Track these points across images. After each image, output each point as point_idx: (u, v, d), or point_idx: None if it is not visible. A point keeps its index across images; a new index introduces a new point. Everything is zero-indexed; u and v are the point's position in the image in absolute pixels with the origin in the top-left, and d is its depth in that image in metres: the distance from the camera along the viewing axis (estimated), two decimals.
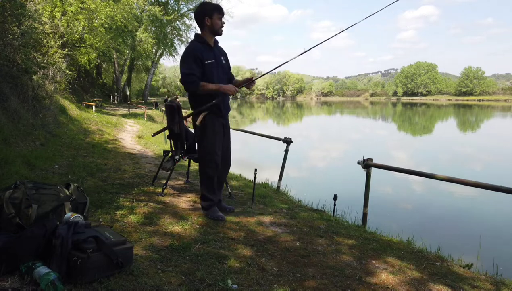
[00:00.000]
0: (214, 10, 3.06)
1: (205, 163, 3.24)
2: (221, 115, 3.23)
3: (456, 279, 2.45)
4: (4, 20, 6.34)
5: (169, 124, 3.95)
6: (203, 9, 3.08)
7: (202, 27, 3.10)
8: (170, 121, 3.93)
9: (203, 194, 3.30)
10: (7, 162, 3.99)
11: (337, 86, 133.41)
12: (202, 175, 3.28)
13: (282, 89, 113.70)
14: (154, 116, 18.98)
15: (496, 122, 30.11)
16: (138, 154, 6.93)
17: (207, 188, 3.26)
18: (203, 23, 3.07)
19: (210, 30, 3.08)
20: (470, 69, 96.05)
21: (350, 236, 3.19)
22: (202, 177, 3.28)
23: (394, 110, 50.87)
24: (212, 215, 3.22)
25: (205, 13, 3.04)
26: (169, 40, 27.88)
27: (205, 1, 3.18)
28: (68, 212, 2.30)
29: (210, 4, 3.18)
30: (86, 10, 11.92)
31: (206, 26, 3.07)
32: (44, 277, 1.69)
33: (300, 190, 5.82)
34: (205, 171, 3.24)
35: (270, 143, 5.58)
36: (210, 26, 3.06)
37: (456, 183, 3.38)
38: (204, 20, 3.05)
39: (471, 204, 6.88)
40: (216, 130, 3.20)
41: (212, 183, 3.26)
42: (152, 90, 63.44)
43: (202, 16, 3.05)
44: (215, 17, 3.05)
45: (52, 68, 10.36)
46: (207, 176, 3.24)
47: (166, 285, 1.93)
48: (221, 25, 3.10)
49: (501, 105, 64.30)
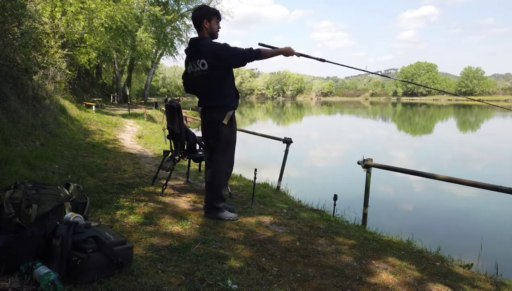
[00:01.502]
0: (214, 15, 3.12)
1: (229, 162, 3.25)
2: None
3: (456, 279, 2.45)
4: (4, 20, 6.34)
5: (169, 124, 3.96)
6: (203, 12, 3.11)
7: (200, 30, 3.13)
8: (170, 121, 3.94)
9: (217, 195, 3.20)
10: (7, 162, 4.00)
11: (337, 86, 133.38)
12: (221, 174, 3.22)
13: (282, 89, 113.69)
14: (154, 117, 18.97)
15: (496, 122, 30.10)
16: (138, 154, 6.93)
17: (222, 188, 3.24)
18: (201, 26, 3.10)
19: (208, 34, 3.12)
20: (470, 69, 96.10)
21: (350, 236, 3.19)
22: (221, 176, 3.22)
23: (394, 110, 50.87)
24: (226, 216, 3.20)
25: (205, 17, 3.08)
26: (169, 40, 27.89)
27: (204, 5, 3.23)
28: (68, 212, 2.30)
29: (209, 8, 3.20)
30: (86, 10, 11.92)
31: (205, 29, 3.10)
32: (44, 277, 1.69)
33: (300, 190, 5.82)
34: (227, 171, 3.26)
35: (270, 143, 5.58)
36: (209, 29, 3.11)
37: (456, 183, 3.38)
38: (202, 23, 3.08)
39: (471, 204, 6.88)
40: (235, 129, 3.28)
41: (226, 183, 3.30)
42: (152, 90, 63.46)
43: (201, 19, 3.08)
44: (213, 21, 3.10)
45: (52, 68, 10.37)
46: (228, 174, 3.29)
47: (166, 285, 1.93)
48: (218, 30, 3.17)
49: (501, 105, 64.24)
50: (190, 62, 3.17)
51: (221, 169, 3.22)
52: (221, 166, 3.22)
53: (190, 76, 3.23)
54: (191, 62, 3.17)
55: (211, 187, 3.23)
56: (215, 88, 3.12)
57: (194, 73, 3.16)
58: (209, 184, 3.25)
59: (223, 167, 3.23)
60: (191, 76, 3.22)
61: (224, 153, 3.22)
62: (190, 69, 3.19)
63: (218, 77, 3.09)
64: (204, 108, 3.24)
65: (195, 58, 3.12)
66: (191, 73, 3.19)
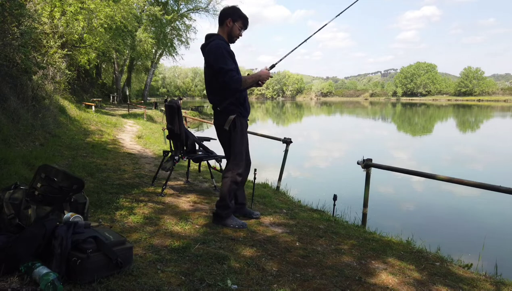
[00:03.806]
0: (240, 18, 3.03)
1: (237, 168, 3.05)
2: (246, 116, 3.13)
3: (455, 279, 2.45)
4: (4, 20, 6.33)
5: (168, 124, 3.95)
6: (232, 11, 3.02)
7: (221, 25, 3.04)
8: (170, 121, 3.93)
9: (224, 201, 3.05)
10: (7, 162, 3.99)
11: (337, 87, 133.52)
12: (229, 180, 3.05)
13: (282, 90, 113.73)
14: (153, 117, 18.96)
15: (496, 122, 30.12)
16: (137, 154, 6.93)
17: (230, 194, 3.06)
18: (224, 23, 3.01)
19: (227, 33, 3.03)
20: (469, 69, 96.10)
21: (350, 236, 3.19)
22: (229, 182, 3.04)
23: (394, 110, 50.88)
24: (234, 224, 3.05)
25: (231, 16, 3.00)
26: (168, 40, 27.90)
27: (237, 6, 3.07)
28: (68, 212, 2.29)
29: (240, 11, 3.06)
30: (86, 10, 11.91)
31: (226, 27, 3.02)
32: (43, 277, 1.69)
33: (300, 190, 5.83)
34: (234, 177, 3.04)
35: (270, 143, 5.58)
36: (229, 29, 3.02)
37: (456, 183, 3.38)
38: (226, 20, 3.00)
39: (471, 204, 6.88)
40: (244, 133, 3.11)
41: (235, 190, 3.11)
42: (151, 91, 63.50)
43: (226, 16, 3.00)
44: (237, 24, 3.01)
45: (52, 68, 10.37)
46: (235, 182, 3.05)
47: (166, 285, 1.93)
48: (238, 35, 3.06)
49: (501, 105, 64.33)
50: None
51: (227, 176, 3.08)
52: (227, 173, 3.09)
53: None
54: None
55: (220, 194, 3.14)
56: (217, 91, 3.03)
57: (204, 69, 3.10)
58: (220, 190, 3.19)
59: (228, 174, 3.07)
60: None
61: (231, 160, 3.08)
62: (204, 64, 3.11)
63: (217, 80, 2.97)
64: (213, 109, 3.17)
65: (203, 54, 3.04)
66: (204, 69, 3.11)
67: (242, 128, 3.07)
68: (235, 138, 3.05)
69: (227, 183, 3.05)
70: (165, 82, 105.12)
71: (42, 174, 2.26)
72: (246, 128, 3.16)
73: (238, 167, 3.07)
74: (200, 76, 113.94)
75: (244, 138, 3.11)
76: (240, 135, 3.06)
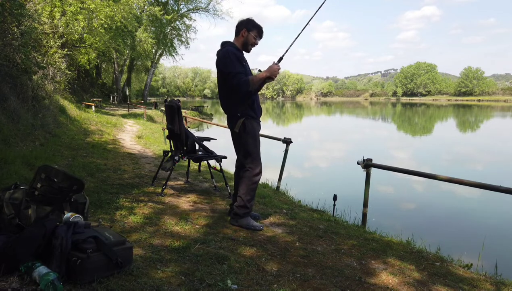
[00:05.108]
0: (255, 28, 3.15)
1: (253, 170, 3.09)
2: (257, 118, 3.16)
3: (455, 279, 2.45)
4: (4, 20, 6.33)
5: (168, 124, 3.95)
6: (247, 22, 3.15)
7: (236, 35, 3.18)
8: (170, 121, 3.93)
9: (243, 202, 3.10)
10: (7, 162, 3.99)
11: (337, 87, 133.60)
12: (247, 182, 3.09)
13: (282, 90, 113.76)
14: (153, 117, 18.97)
15: (496, 122, 30.12)
16: (137, 154, 6.93)
17: (250, 196, 3.11)
18: (239, 33, 3.15)
19: (242, 42, 3.15)
20: (469, 69, 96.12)
21: (350, 236, 3.19)
22: (248, 184, 3.09)
23: (394, 110, 50.89)
24: (249, 224, 3.09)
25: (246, 26, 3.13)
26: (168, 40, 27.89)
27: (251, 18, 3.18)
28: (68, 212, 2.30)
29: (255, 22, 3.18)
30: (86, 10, 11.91)
31: (241, 37, 3.14)
32: (43, 277, 1.69)
33: (300, 190, 5.83)
34: (251, 179, 3.08)
35: (269, 143, 5.57)
36: (244, 39, 3.14)
37: (456, 183, 3.38)
38: (241, 30, 3.13)
39: (471, 204, 6.88)
40: (257, 135, 3.15)
41: (255, 191, 3.16)
42: (151, 91, 63.50)
43: (241, 27, 3.14)
44: (252, 33, 3.13)
45: (52, 68, 10.37)
46: (253, 183, 3.10)
47: (166, 285, 1.93)
48: (253, 44, 3.16)
49: (501, 105, 64.36)
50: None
51: (245, 176, 3.12)
52: (244, 173, 3.13)
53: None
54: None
55: (236, 194, 3.19)
56: (228, 95, 3.10)
57: (217, 75, 3.17)
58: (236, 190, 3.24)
59: (242, 174, 3.14)
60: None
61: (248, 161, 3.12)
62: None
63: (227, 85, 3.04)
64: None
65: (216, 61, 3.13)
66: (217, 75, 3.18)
67: (254, 130, 3.11)
68: (247, 139, 3.09)
69: (246, 182, 3.10)
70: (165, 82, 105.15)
71: (42, 174, 2.26)
72: (258, 130, 3.19)
73: (256, 166, 3.11)
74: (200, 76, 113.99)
75: (257, 140, 3.15)
76: (252, 136, 3.10)
